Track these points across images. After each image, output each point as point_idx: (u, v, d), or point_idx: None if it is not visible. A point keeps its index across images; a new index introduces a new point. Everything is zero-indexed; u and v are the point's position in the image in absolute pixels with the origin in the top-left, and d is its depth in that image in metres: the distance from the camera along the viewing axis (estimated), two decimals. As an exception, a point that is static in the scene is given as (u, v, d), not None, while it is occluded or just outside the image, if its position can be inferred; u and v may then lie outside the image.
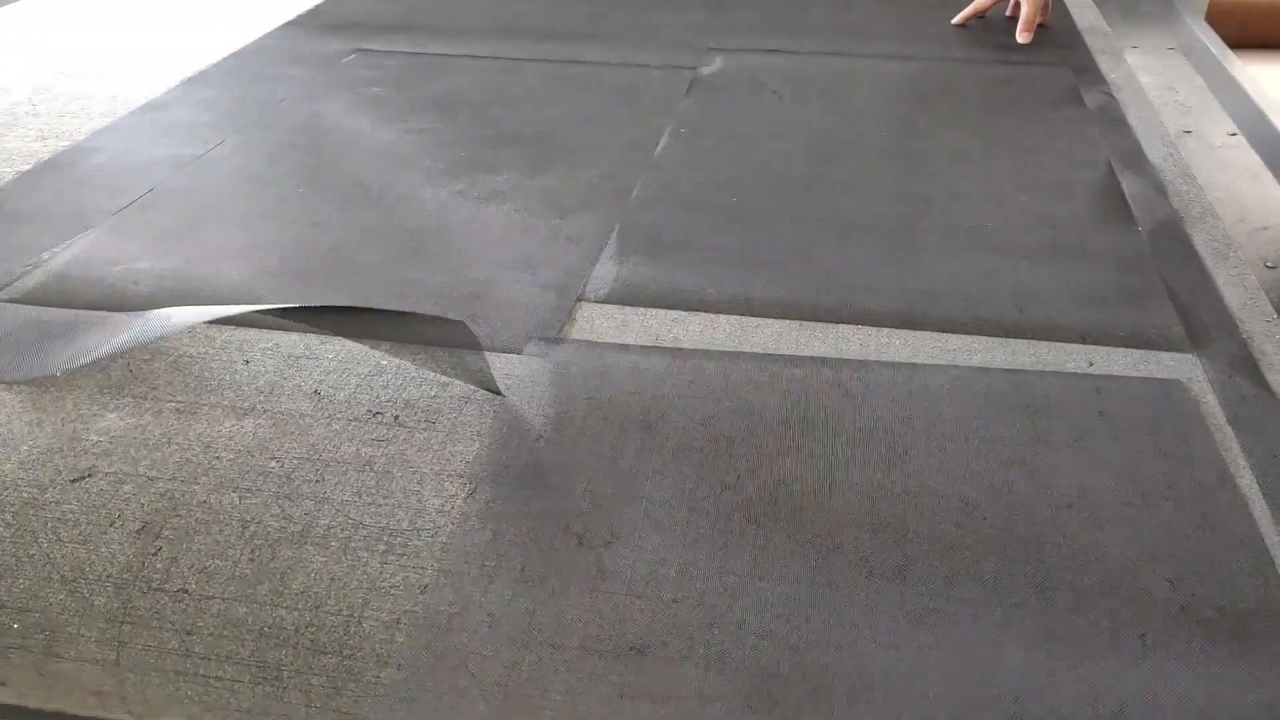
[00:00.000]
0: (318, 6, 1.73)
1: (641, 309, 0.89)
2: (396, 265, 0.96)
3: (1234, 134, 1.27)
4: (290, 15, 1.68)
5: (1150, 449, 0.72)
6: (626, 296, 0.91)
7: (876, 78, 1.41)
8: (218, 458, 0.71)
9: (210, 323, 0.86)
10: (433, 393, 0.77)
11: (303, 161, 1.17)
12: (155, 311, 0.73)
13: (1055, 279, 0.94)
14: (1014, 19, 1.60)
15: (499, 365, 0.80)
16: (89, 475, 0.69)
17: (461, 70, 1.44)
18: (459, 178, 1.13)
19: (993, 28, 1.62)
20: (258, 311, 0.70)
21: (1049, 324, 0.87)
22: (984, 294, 0.91)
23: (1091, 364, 0.81)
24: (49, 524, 0.65)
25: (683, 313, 0.88)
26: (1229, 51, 1.46)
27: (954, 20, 1.63)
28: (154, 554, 0.63)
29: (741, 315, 0.88)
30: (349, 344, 0.83)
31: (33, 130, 1.25)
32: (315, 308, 0.82)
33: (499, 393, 0.77)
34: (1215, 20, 1.71)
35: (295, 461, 0.70)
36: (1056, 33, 1.59)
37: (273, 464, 0.70)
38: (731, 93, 1.36)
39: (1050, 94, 1.35)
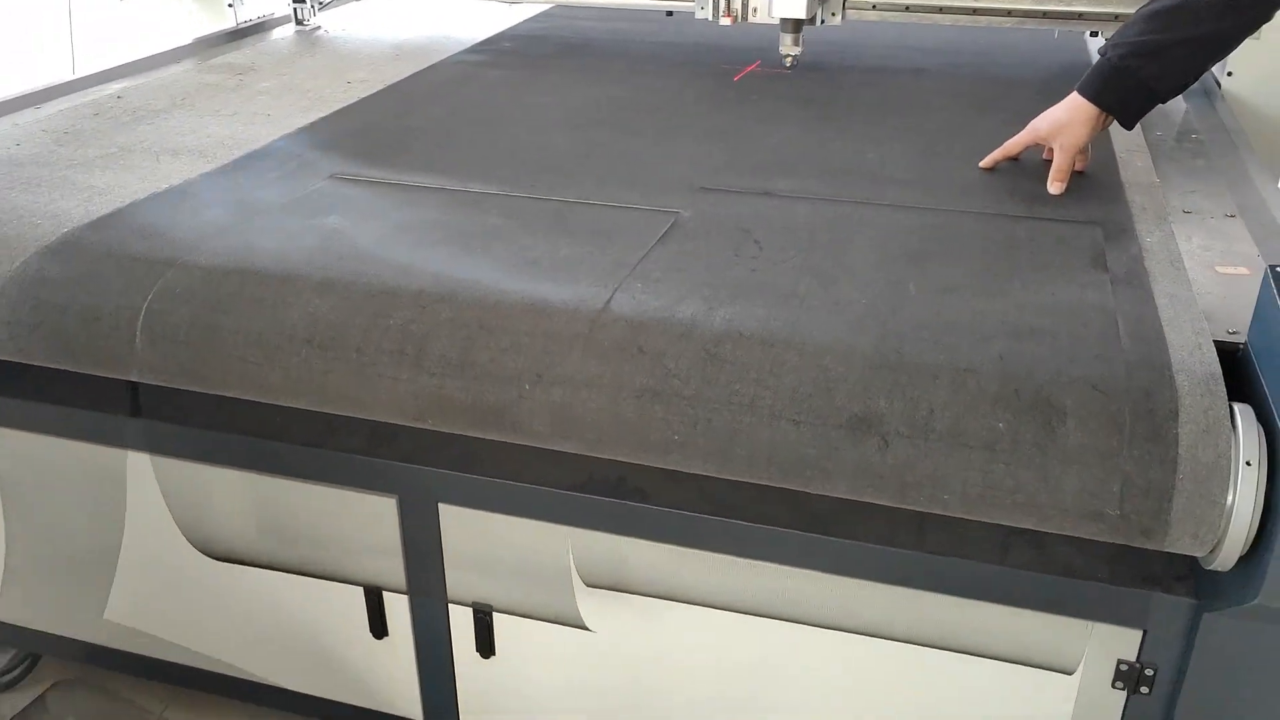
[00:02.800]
0: (318, 121, 1.66)
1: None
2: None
3: None
4: (292, 128, 1.62)
5: None
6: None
7: (877, 230, 1.26)
8: None
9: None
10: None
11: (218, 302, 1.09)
12: None
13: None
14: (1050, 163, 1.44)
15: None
16: None
17: (427, 203, 1.34)
18: (358, 332, 1.03)
19: (1026, 172, 1.46)
20: None
21: None
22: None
23: None
24: None
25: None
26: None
27: (982, 163, 1.48)
28: None
29: None
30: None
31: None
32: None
33: None
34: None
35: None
36: (1097, 183, 1.42)
37: None
38: (709, 241, 1.23)
39: (1071, 259, 1.18)
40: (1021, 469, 0.92)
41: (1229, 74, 1.79)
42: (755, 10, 1.86)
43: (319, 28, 2.33)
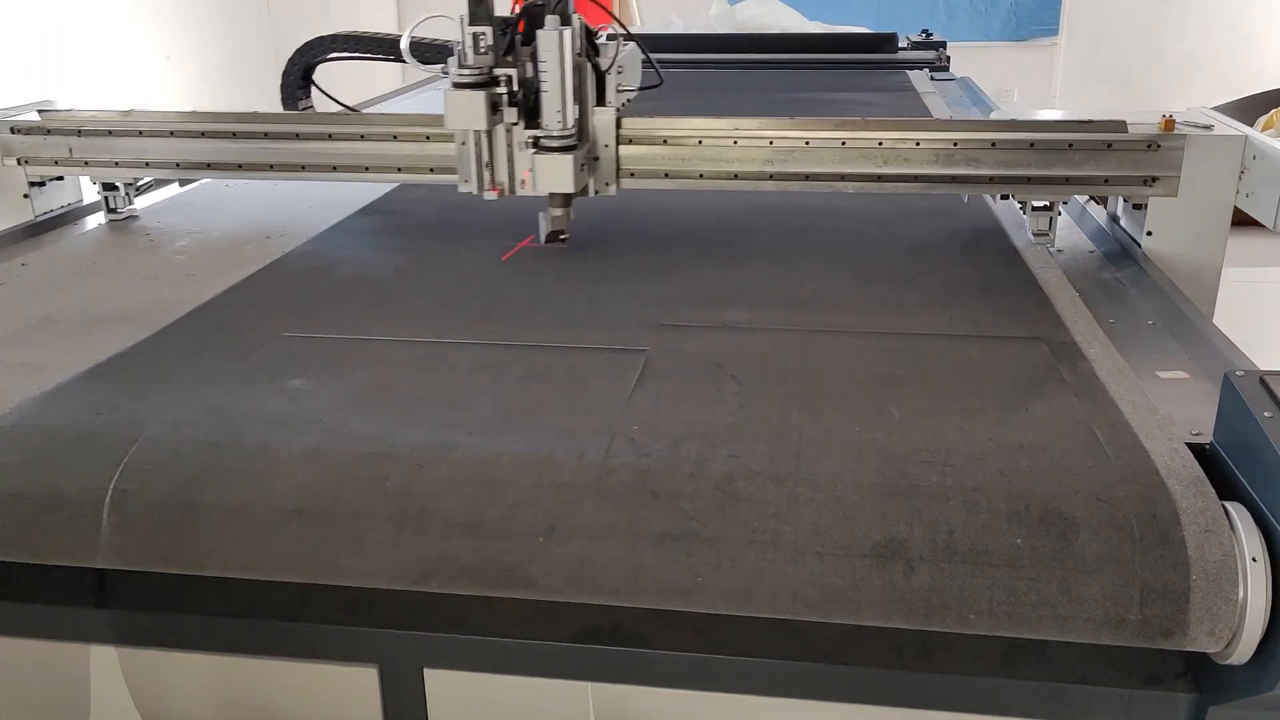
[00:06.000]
0: (240, 284, 1.61)
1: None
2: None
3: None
4: (213, 293, 1.56)
5: None
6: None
7: (842, 358, 1.31)
8: None
9: None
10: None
11: None
12: None
13: None
14: None
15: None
16: None
17: (389, 358, 1.32)
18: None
19: (953, 291, 1.54)
20: None
21: None
22: None
23: None
24: None
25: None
26: (1214, 326, 1.37)
27: None
28: None
29: None
30: None
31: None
32: None
33: None
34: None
35: None
36: (1025, 299, 1.51)
37: None
38: (686, 380, 1.24)
39: (1029, 374, 1.25)
40: (1043, 582, 0.95)
41: (1149, 234, 1.74)
42: (523, 183, 1.70)
43: (135, 217, 2.01)
